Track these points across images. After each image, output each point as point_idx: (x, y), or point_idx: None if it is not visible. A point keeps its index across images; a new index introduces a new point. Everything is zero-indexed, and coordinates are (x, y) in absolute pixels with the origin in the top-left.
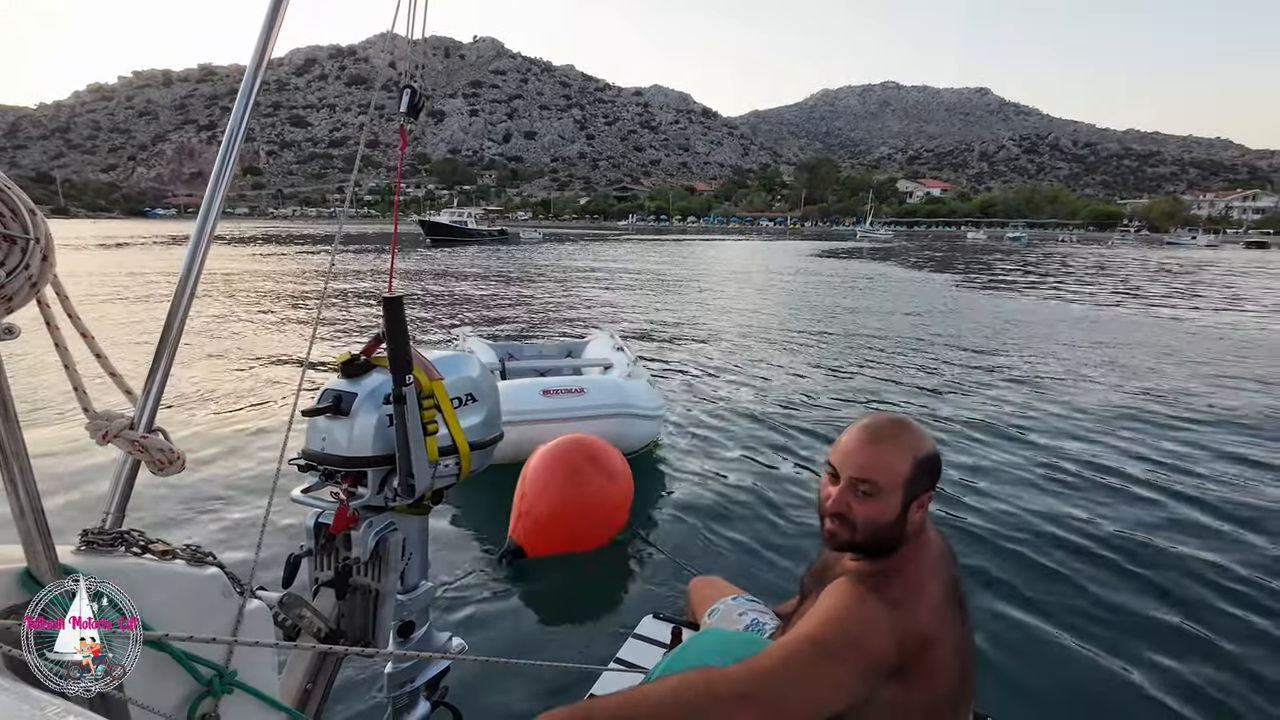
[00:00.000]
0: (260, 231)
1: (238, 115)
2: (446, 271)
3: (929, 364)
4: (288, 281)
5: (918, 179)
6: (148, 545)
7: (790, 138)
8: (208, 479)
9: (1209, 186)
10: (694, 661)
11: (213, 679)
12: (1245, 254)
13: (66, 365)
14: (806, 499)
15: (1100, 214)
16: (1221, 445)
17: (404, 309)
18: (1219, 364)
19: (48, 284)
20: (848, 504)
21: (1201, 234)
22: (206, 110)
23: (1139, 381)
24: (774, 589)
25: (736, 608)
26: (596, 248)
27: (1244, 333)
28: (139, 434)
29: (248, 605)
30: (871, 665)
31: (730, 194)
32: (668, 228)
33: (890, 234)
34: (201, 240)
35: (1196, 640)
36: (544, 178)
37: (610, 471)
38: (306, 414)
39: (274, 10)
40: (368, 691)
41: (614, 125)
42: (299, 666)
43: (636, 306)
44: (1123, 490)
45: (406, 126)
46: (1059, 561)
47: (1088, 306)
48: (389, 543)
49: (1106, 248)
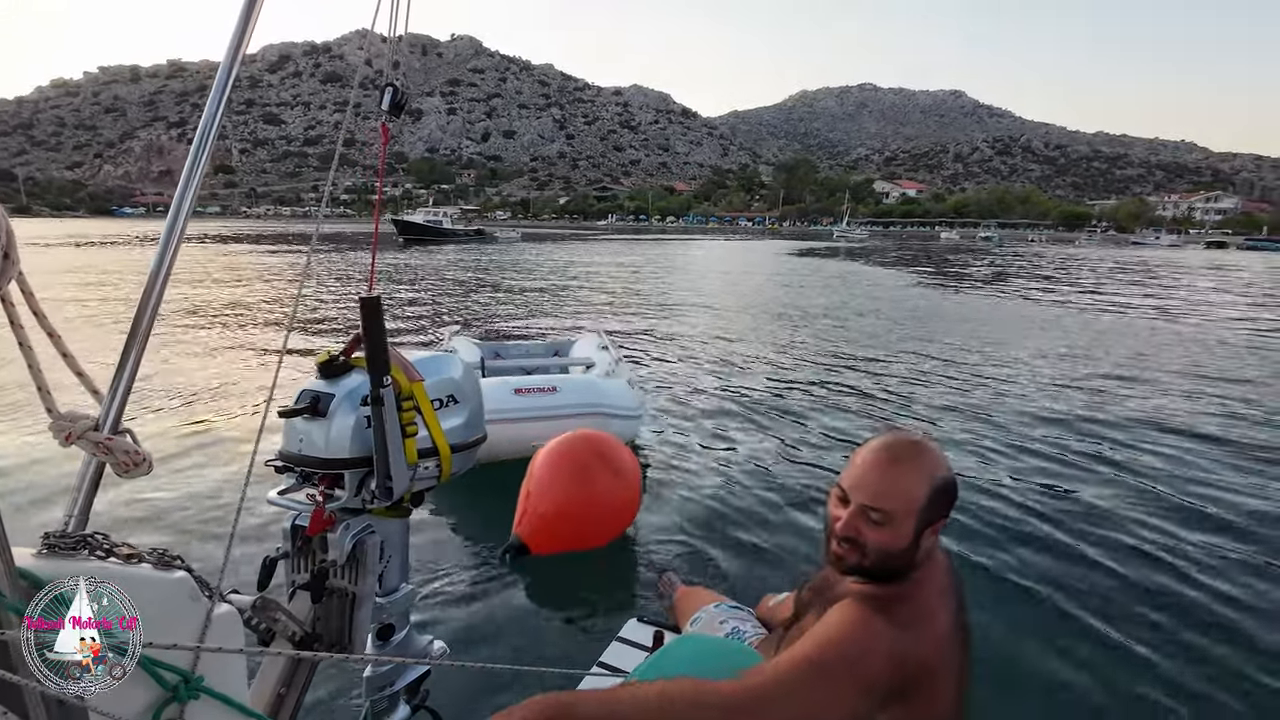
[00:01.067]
0: (232, 230)
1: (210, 111)
2: (418, 273)
3: (887, 358)
4: (260, 281)
5: (894, 180)
6: (112, 549)
7: (769, 138)
8: (178, 481)
9: (1174, 188)
10: (671, 666)
11: (178, 684)
12: (1205, 253)
13: (30, 365)
14: (789, 497)
15: (1069, 215)
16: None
17: (382, 309)
18: (1133, 360)
19: (10, 282)
20: (858, 529)
21: (1165, 234)
22: (176, 107)
23: (1065, 371)
24: (756, 589)
25: (718, 615)
26: (573, 247)
27: (1171, 328)
28: (104, 435)
29: (216, 609)
30: (867, 687)
31: (710, 194)
32: (647, 228)
33: (866, 234)
34: (172, 239)
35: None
36: (523, 177)
37: (618, 469)
38: (283, 414)
39: (249, 5)
40: (346, 696)
41: (593, 125)
42: (272, 671)
43: (611, 306)
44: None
45: (388, 124)
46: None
47: (1042, 305)
48: (366, 545)
49: (1074, 247)
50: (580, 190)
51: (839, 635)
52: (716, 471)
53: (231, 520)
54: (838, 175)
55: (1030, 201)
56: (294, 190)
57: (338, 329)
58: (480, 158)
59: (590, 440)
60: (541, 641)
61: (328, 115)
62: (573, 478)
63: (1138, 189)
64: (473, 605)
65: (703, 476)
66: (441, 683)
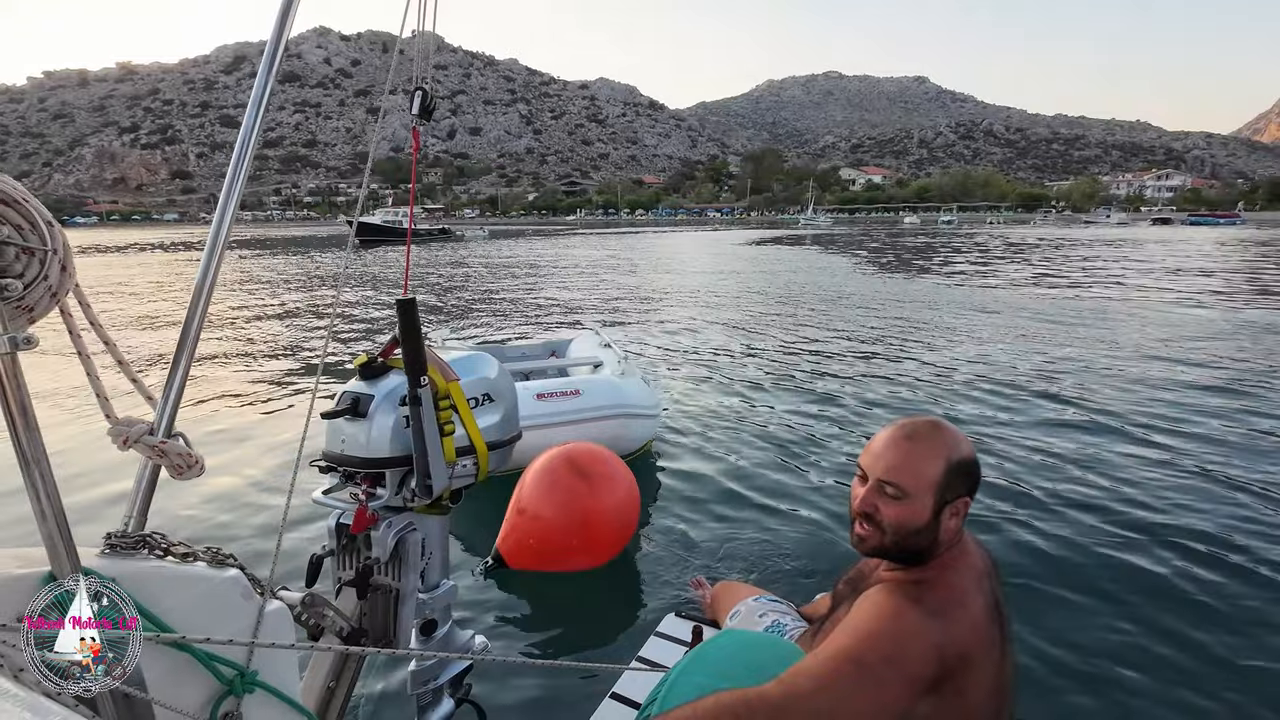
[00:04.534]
0: (198, 238)
1: (251, 115)
2: (376, 279)
3: (827, 335)
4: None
5: (861, 166)
6: (169, 548)
7: (738, 129)
8: (229, 482)
9: (1130, 167)
10: (713, 661)
11: (234, 679)
12: (1151, 230)
13: (89, 373)
14: (816, 486)
15: (1028, 196)
16: None
17: (417, 311)
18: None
19: (68, 294)
20: (875, 505)
21: (1115, 212)
22: (128, 111)
23: (975, 347)
24: (793, 583)
25: (758, 609)
26: (539, 242)
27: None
28: (158, 439)
29: (268, 606)
30: (911, 682)
31: (679, 186)
32: (616, 221)
33: (831, 221)
34: (216, 246)
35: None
36: (491, 174)
37: (610, 490)
38: (325, 416)
39: (285, 5)
40: (392, 689)
41: (561, 119)
42: (322, 665)
43: (586, 302)
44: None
45: (418, 128)
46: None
47: (978, 283)
48: (408, 543)
49: (1030, 228)
50: (549, 186)
51: (874, 628)
52: (743, 461)
53: (277, 520)
54: (805, 163)
55: (991, 185)
56: (255, 194)
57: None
58: (447, 155)
59: (578, 461)
60: (580, 636)
61: (287, 116)
62: (559, 501)
63: (1095, 169)
64: (511, 601)
65: (729, 470)
66: (484, 677)
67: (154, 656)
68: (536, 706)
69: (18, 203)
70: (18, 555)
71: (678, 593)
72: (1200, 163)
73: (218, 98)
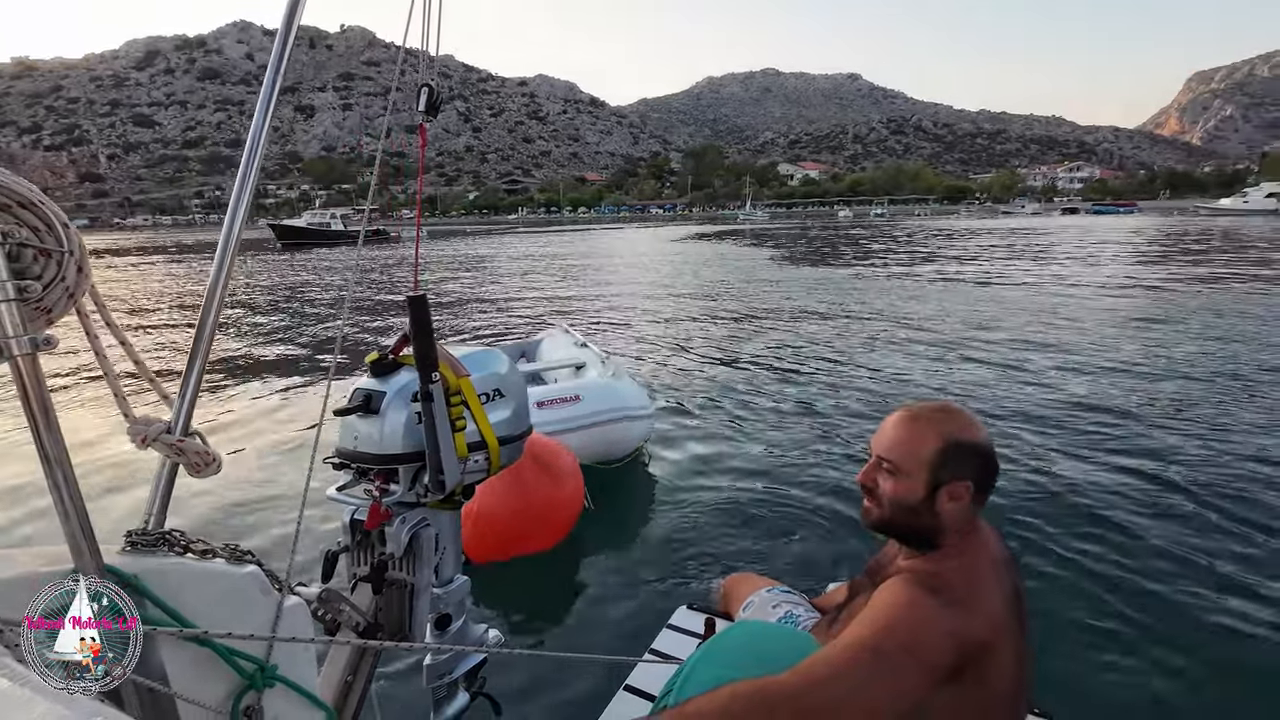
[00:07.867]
0: (111, 244)
1: (261, 112)
2: (291, 286)
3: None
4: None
5: (799, 162)
6: (189, 545)
7: (680, 125)
8: (245, 480)
9: (1046, 160)
10: (728, 652)
11: (254, 673)
12: (1059, 220)
13: (106, 373)
14: (827, 476)
15: (954, 189)
16: None
17: (429, 307)
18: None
19: (84, 294)
20: (874, 479)
21: (1030, 203)
22: (28, 110)
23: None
24: (805, 574)
25: (771, 600)
26: (478, 241)
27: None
28: (176, 438)
29: (286, 601)
30: (929, 671)
31: (622, 183)
32: (559, 219)
33: (767, 215)
34: (228, 247)
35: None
36: (430, 173)
37: (556, 474)
38: (338, 413)
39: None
40: (408, 683)
41: (500, 117)
42: (339, 659)
43: (539, 298)
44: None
45: (425, 125)
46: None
47: (900, 272)
48: (422, 538)
49: (955, 219)
50: (490, 184)
51: (891, 617)
52: (740, 455)
53: (292, 516)
54: (746, 159)
55: (920, 178)
56: (175, 197)
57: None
58: (383, 154)
59: (530, 446)
60: (593, 629)
61: (208, 115)
62: (509, 484)
63: (1015, 162)
64: (525, 595)
65: (728, 464)
66: (498, 670)
67: (176, 652)
68: (550, 699)
69: (34, 205)
70: (41, 554)
71: (689, 584)
72: (1109, 154)
73: (130, 95)
